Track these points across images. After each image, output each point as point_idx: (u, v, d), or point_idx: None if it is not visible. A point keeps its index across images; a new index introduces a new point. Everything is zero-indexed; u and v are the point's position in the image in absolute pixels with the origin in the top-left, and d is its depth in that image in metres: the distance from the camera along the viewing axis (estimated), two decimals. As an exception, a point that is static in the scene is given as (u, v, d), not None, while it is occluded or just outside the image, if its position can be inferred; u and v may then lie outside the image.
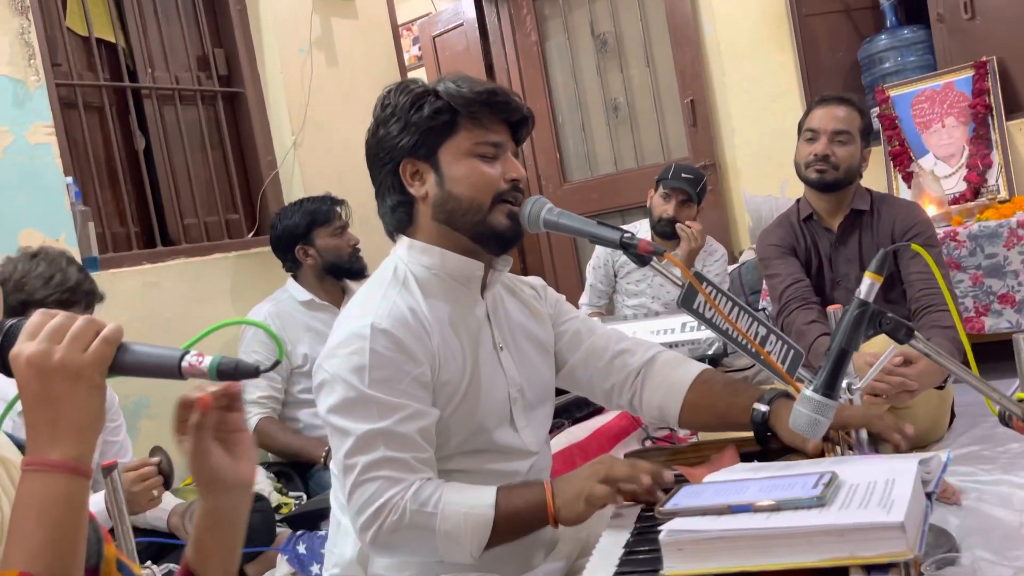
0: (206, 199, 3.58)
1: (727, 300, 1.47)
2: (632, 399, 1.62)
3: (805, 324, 2.48)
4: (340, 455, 1.35)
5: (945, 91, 3.66)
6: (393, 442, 1.32)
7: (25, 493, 0.83)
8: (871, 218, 2.61)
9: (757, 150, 4.25)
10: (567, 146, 5.11)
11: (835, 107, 2.59)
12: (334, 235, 3.02)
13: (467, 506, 1.31)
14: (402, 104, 1.43)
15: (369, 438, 1.32)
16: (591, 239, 1.45)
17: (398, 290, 1.44)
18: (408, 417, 1.34)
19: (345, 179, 3.73)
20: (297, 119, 3.75)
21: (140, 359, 0.87)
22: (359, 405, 1.34)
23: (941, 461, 1.09)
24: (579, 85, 4.99)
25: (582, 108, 5.00)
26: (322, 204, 3.05)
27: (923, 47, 3.88)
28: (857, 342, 1.24)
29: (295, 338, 3.02)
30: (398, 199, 1.47)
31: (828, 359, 1.22)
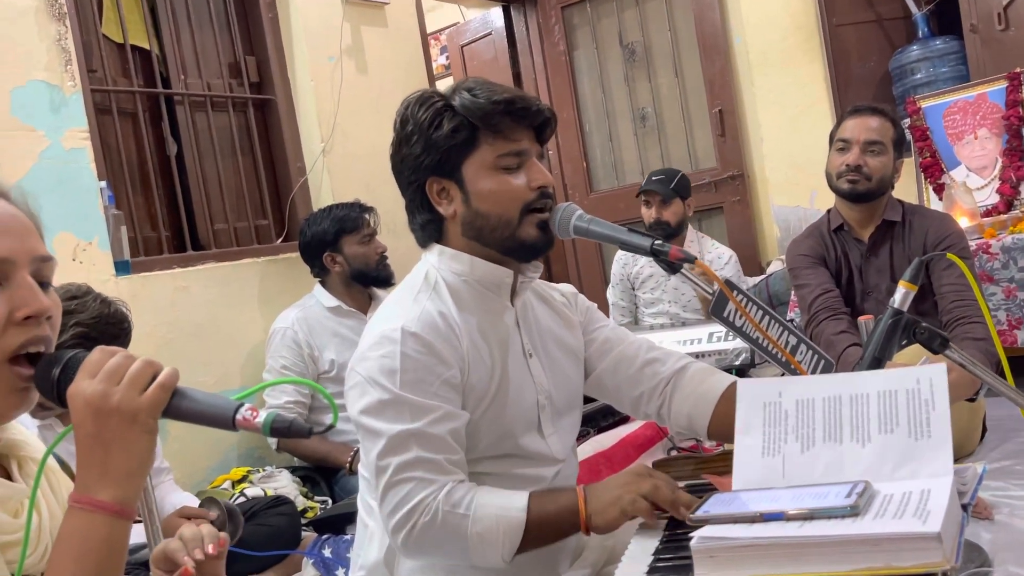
0: (236, 204, 3.61)
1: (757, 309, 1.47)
2: (660, 408, 1.61)
3: (835, 334, 2.46)
4: (372, 456, 1.35)
5: (978, 102, 3.63)
6: (426, 443, 1.33)
7: (69, 530, 0.84)
8: (903, 229, 2.58)
9: (786, 161, 4.23)
10: (594, 155, 5.10)
11: (868, 117, 2.57)
12: (362, 243, 3.03)
13: (499, 509, 1.31)
14: (421, 121, 1.42)
15: (402, 439, 1.33)
16: (621, 246, 1.45)
17: (429, 295, 1.44)
18: (440, 419, 1.35)
19: (373, 186, 3.75)
20: (326, 126, 3.78)
21: (195, 407, 0.88)
22: (391, 406, 1.34)
23: (977, 473, 1.07)
24: (607, 94, 4.99)
25: (610, 117, 5.00)
26: (351, 211, 3.05)
27: (956, 58, 3.84)
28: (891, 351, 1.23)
29: (322, 344, 3.04)
30: (427, 217, 1.47)
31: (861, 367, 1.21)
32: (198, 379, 3.09)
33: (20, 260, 0.89)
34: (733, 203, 4.56)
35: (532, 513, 1.31)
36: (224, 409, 0.88)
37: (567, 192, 5.10)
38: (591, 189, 5.08)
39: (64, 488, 0.99)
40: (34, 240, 0.93)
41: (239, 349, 3.28)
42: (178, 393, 0.88)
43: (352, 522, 2.26)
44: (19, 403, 0.90)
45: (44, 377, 0.88)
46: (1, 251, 0.88)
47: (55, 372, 0.88)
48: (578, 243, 5.05)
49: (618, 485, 1.30)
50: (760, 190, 4.48)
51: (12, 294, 0.88)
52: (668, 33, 4.74)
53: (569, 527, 1.33)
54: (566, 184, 5.12)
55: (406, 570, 1.45)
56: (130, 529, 0.86)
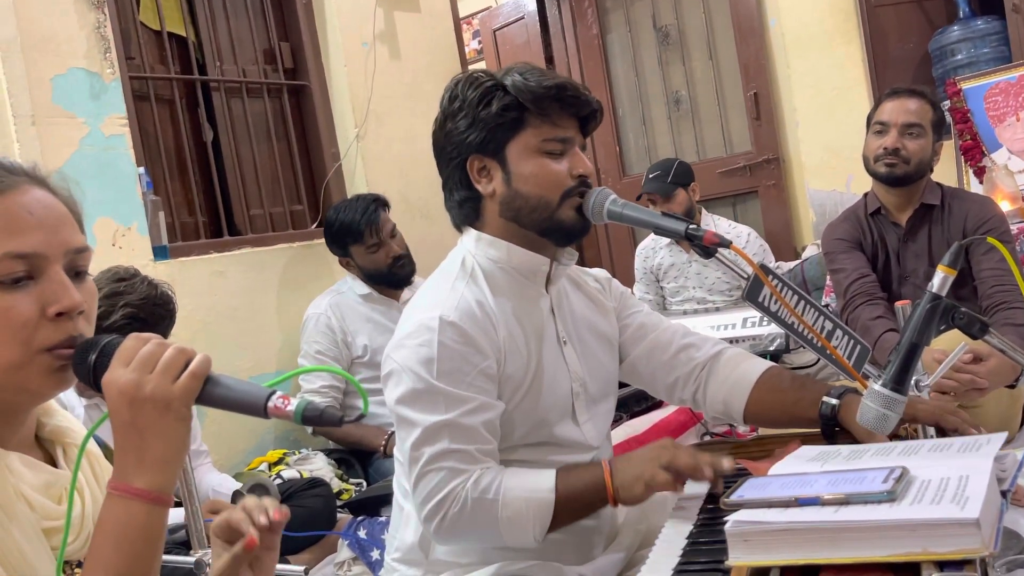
0: (271, 190, 3.64)
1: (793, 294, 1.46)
2: (696, 393, 1.61)
3: (871, 320, 2.43)
4: (407, 446, 1.37)
5: (1020, 84, 3.56)
6: (458, 434, 1.34)
7: (107, 516, 0.86)
8: (941, 213, 2.55)
9: (822, 144, 4.18)
10: (627, 139, 5.08)
11: (906, 99, 2.53)
12: (370, 251, 3.01)
13: (527, 490, 1.32)
14: (470, 99, 1.42)
15: (435, 430, 1.34)
16: (655, 230, 1.44)
17: (466, 282, 1.45)
18: (474, 410, 1.36)
19: (407, 171, 3.76)
20: (360, 112, 3.79)
21: (227, 394, 0.89)
22: (426, 396, 1.35)
23: (1017, 459, 1.06)
24: (640, 78, 4.96)
25: (643, 101, 4.97)
26: (355, 222, 2.97)
27: (997, 38, 3.76)
28: (929, 336, 1.21)
29: (355, 329, 3.06)
30: (465, 194, 1.48)
31: (898, 353, 1.20)
32: (235, 363, 3.13)
33: (53, 254, 0.89)
34: (768, 187, 4.52)
35: (560, 492, 1.32)
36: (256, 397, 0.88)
37: (600, 176, 5.07)
38: (624, 174, 5.05)
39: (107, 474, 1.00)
40: (68, 231, 0.93)
41: (275, 334, 3.32)
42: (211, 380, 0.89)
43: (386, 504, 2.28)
44: (57, 383, 0.90)
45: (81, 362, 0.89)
46: (32, 246, 0.88)
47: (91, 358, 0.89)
48: (611, 228, 5.03)
49: (641, 460, 1.31)
50: (796, 174, 4.43)
51: (44, 289, 0.88)
52: (702, 16, 4.69)
53: (598, 501, 1.34)
54: (599, 168, 5.09)
55: (442, 551, 1.47)
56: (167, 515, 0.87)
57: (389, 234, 3.03)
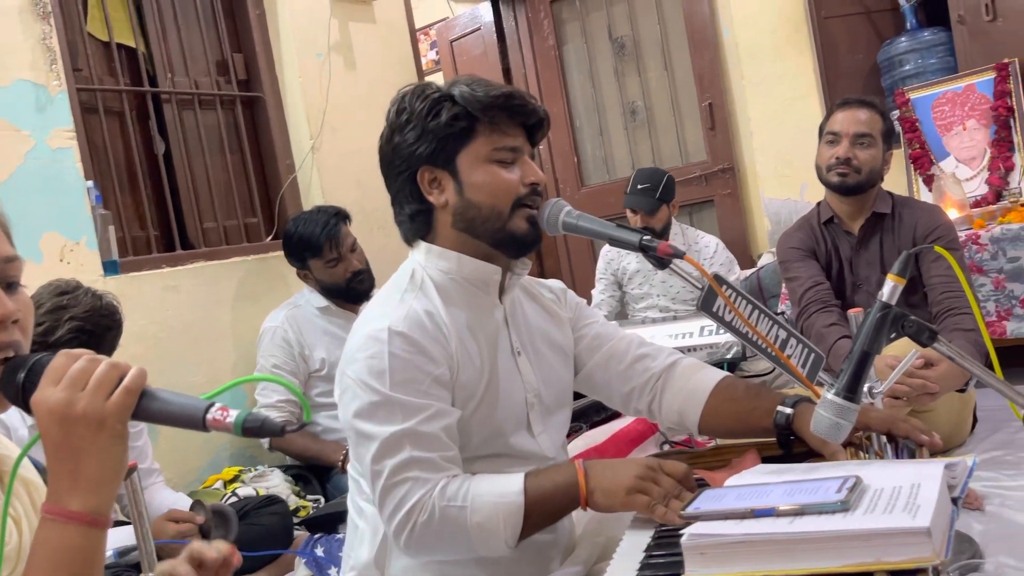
0: (225, 203, 3.60)
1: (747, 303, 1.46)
2: (651, 404, 1.61)
3: (825, 327, 2.46)
4: (367, 461, 1.35)
5: (966, 93, 3.63)
6: (419, 442, 1.32)
7: (42, 541, 0.82)
8: (892, 221, 2.59)
9: (776, 153, 4.22)
10: (584, 150, 5.10)
11: (857, 110, 2.57)
12: (328, 266, 2.99)
13: (496, 495, 1.31)
14: (419, 110, 1.42)
15: (395, 440, 1.32)
16: (610, 241, 1.45)
17: (415, 294, 1.44)
18: (432, 416, 1.34)
19: (363, 182, 3.74)
20: (315, 123, 3.76)
21: (164, 408, 0.86)
22: (382, 408, 1.34)
23: (967, 466, 1.07)
24: (597, 88, 4.98)
25: (600, 111, 4.99)
26: (314, 235, 2.94)
27: (944, 49, 3.84)
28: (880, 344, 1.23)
29: (312, 342, 3.03)
30: (416, 207, 1.47)
31: (850, 362, 1.21)
32: (189, 380, 3.08)
33: None
34: (724, 196, 4.56)
35: (530, 495, 1.31)
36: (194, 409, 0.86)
37: (558, 187, 5.09)
38: (582, 184, 5.07)
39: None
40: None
41: (230, 348, 3.27)
42: (146, 395, 0.86)
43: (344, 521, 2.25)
44: None
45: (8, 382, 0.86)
46: None
47: (20, 377, 0.86)
48: (570, 239, 5.05)
49: (630, 475, 1.28)
50: (751, 183, 4.48)
51: None
52: (657, 26, 4.73)
53: (569, 502, 1.33)
54: (557, 179, 5.11)
55: (397, 569, 1.45)
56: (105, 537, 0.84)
57: (349, 248, 3.01)
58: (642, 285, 3.84)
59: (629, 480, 1.28)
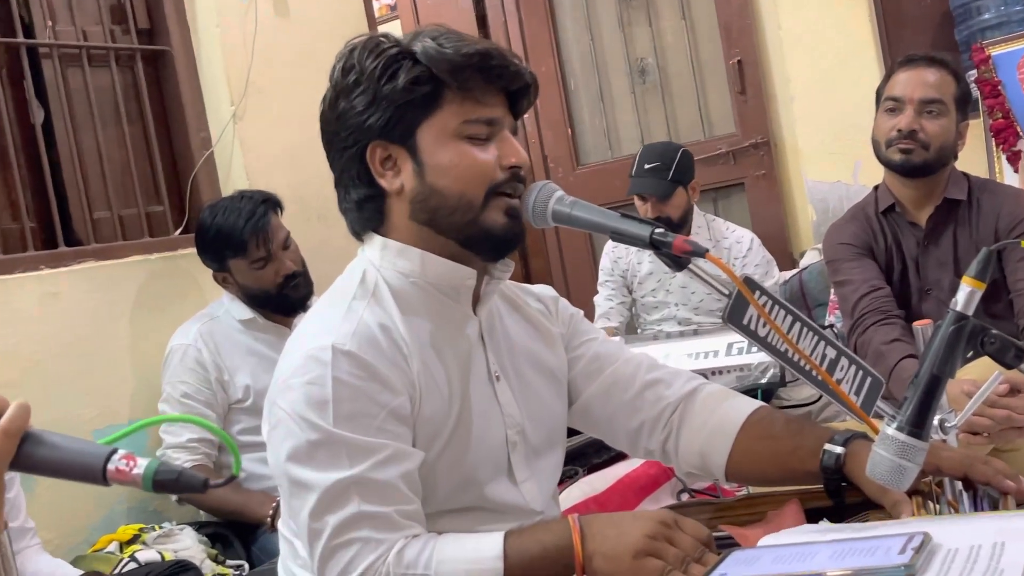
0: (121, 187, 3.58)
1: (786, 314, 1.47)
2: (666, 442, 1.61)
3: (885, 344, 2.48)
4: (304, 516, 1.34)
5: (1061, 49, 3.67)
6: (370, 493, 1.31)
7: None
8: (969, 210, 2.61)
9: (823, 125, 4.25)
10: (581, 120, 5.11)
11: (924, 69, 2.59)
12: (254, 267, 2.98)
13: (468, 562, 1.30)
14: (370, 70, 1.42)
15: (339, 490, 1.31)
16: (613, 235, 1.44)
17: (366, 303, 1.44)
18: (387, 460, 1.33)
19: (299, 161, 3.73)
20: (238, 85, 3.75)
21: (53, 455, 0.86)
22: (324, 449, 1.33)
23: (1063, 519, 1.08)
24: (596, 42, 5.00)
25: (600, 72, 5.01)
26: (237, 229, 2.93)
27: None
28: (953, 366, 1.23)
29: (234, 365, 3.01)
30: (365, 192, 1.47)
31: (916, 388, 1.22)
32: (75, 413, 3.05)
33: None
34: (757, 178, 4.58)
35: (511, 560, 1.31)
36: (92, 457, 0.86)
37: (548, 167, 5.10)
38: (578, 163, 5.09)
39: None
40: None
41: (127, 373, 3.24)
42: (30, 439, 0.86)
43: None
44: None
45: None
46: None
47: None
48: (563, 233, 5.05)
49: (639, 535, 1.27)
50: (791, 162, 4.51)
51: None
52: (673, -36, 4.76)
53: (561, 569, 1.32)
54: (546, 156, 5.12)
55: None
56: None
57: (281, 245, 3.00)
58: (656, 291, 3.84)
59: (637, 540, 1.27)
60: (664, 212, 3.61)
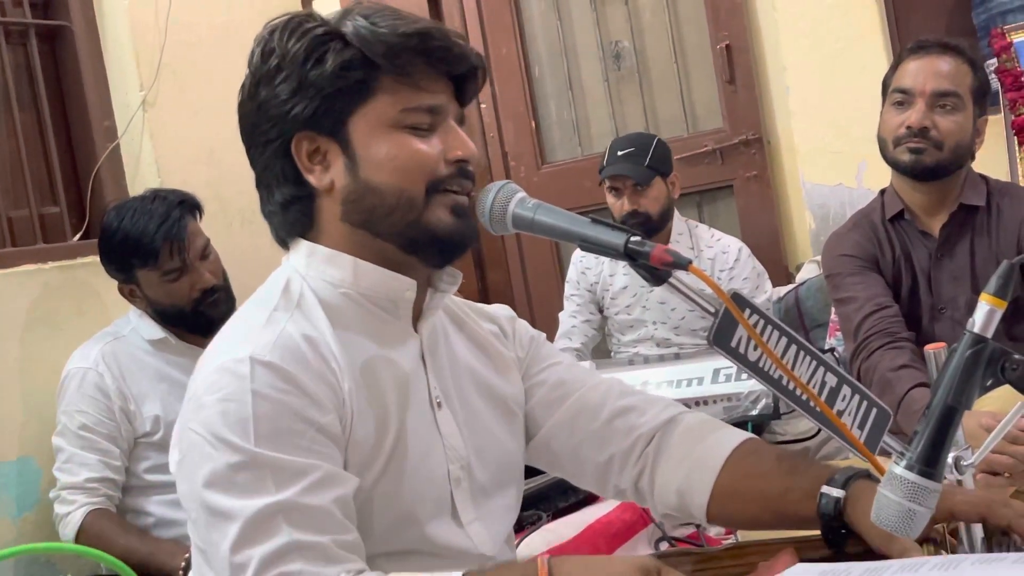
0: (12, 184, 3.55)
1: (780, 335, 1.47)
2: (639, 479, 1.61)
3: (892, 370, 2.49)
4: (224, 550, 1.31)
5: (1091, 36, 3.72)
6: (301, 520, 1.30)
7: None
8: (988, 217, 2.64)
9: (822, 119, 4.28)
10: (547, 111, 5.11)
11: (936, 58, 2.61)
12: (166, 279, 2.96)
13: None
14: (294, 53, 1.42)
15: (265, 518, 1.30)
16: (582, 243, 1.44)
17: (290, 314, 1.44)
18: (318, 483, 1.32)
19: (219, 155, 3.71)
20: (148, 67, 3.73)
21: None
22: (245, 472, 1.32)
23: (1093, 570, 1.09)
24: (565, 23, 5.01)
25: (568, 57, 5.02)
26: (147, 234, 2.91)
27: (1060, -28, 3.94)
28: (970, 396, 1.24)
29: (142, 393, 2.99)
30: (291, 192, 1.48)
31: (928, 421, 1.22)
32: (-47, 447, 3.02)
33: None
34: (747, 180, 4.61)
35: None
36: None
37: (508, 164, 5.10)
38: (542, 160, 5.09)
39: None
40: None
41: (16, 402, 3.21)
42: None
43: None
44: None
45: None
46: None
47: None
48: (526, 243, 5.05)
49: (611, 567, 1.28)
50: (786, 161, 4.53)
51: None
52: (652, -66, 4.79)
53: None
54: (507, 153, 5.12)
55: None
56: None
57: (199, 255, 2.99)
58: (631, 308, 3.83)
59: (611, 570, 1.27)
60: (641, 206, 3.62)
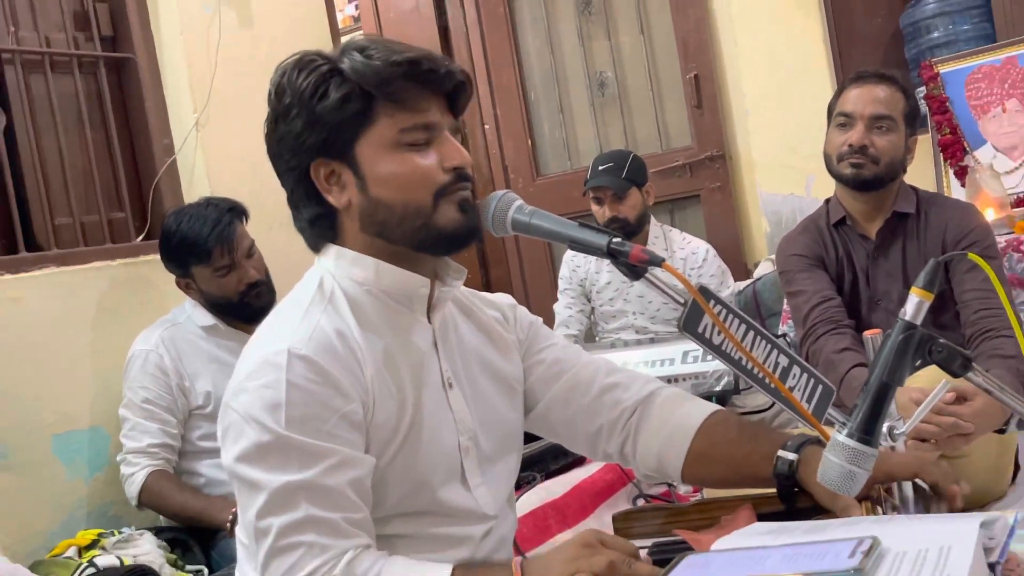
0: (83, 193, 3.54)
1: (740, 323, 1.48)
2: (624, 445, 1.62)
3: (836, 352, 2.49)
4: (251, 515, 1.33)
5: (1006, 68, 3.72)
6: (318, 498, 1.31)
7: None
8: (917, 223, 2.64)
9: (776, 138, 4.28)
10: (541, 131, 5.11)
11: (874, 86, 2.62)
12: (217, 274, 2.96)
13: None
14: (302, 90, 1.42)
15: (287, 493, 1.31)
16: (571, 244, 1.45)
17: (323, 308, 1.44)
18: (336, 466, 1.33)
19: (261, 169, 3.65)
20: (201, 93, 3.72)
21: None
22: (274, 451, 1.32)
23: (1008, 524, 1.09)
24: (556, 55, 5.00)
25: (560, 84, 5.02)
26: (202, 236, 2.91)
27: (980, 13, 3.93)
28: (902, 375, 1.24)
29: (195, 371, 2.99)
30: (315, 211, 1.48)
31: (866, 396, 1.23)
32: (36, 419, 3.02)
33: None
34: (712, 190, 4.61)
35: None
36: None
37: (508, 177, 5.10)
38: (537, 173, 5.09)
39: None
40: None
41: (88, 379, 3.20)
42: None
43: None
44: None
45: None
46: None
47: None
48: (523, 244, 5.06)
49: (563, 560, 1.27)
50: (745, 174, 4.53)
51: None
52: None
53: None
54: (507, 167, 5.12)
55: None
56: None
57: (245, 254, 2.99)
58: (614, 300, 3.85)
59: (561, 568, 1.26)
60: (621, 212, 3.64)
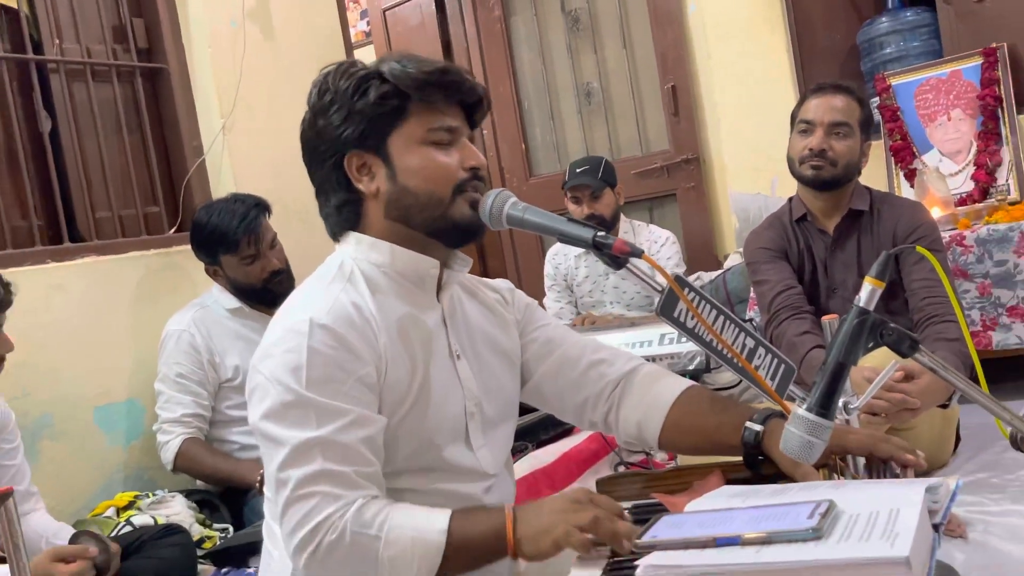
0: (121, 190, 3.53)
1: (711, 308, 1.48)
2: (608, 415, 1.62)
3: (797, 335, 2.50)
4: (272, 468, 1.34)
5: (951, 80, 3.72)
6: (333, 453, 1.31)
7: None
8: (871, 219, 2.64)
9: (745, 143, 4.28)
10: (534, 135, 5.11)
11: (832, 96, 2.62)
12: (243, 263, 2.96)
13: (415, 531, 1.30)
14: (344, 89, 1.44)
15: (305, 448, 1.31)
16: (560, 237, 1.45)
17: (342, 285, 1.45)
18: (350, 424, 1.33)
19: (281, 169, 3.69)
20: (227, 100, 3.70)
21: None
22: (294, 410, 1.33)
23: (950, 489, 1.09)
24: (548, 67, 4.99)
25: (551, 93, 5.01)
26: (231, 228, 2.92)
27: (928, 31, 3.93)
28: (856, 355, 1.24)
29: (223, 348, 2.99)
30: (345, 197, 1.49)
31: (823, 374, 1.23)
32: (79, 392, 3.02)
33: None
34: (687, 190, 4.61)
35: (453, 536, 1.30)
36: None
37: (504, 176, 5.09)
38: (530, 173, 5.08)
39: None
40: None
41: (126, 356, 3.20)
42: None
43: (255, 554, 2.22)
44: None
45: None
46: None
47: None
48: (516, 236, 5.06)
49: (552, 511, 1.28)
50: (717, 176, 4.53)
51: None
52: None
53: (494, 552, 1.31)
54: (503, 168, 5.11)
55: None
56: None
57: (269, 245, 2.99)
58: (592, 292, 3.86)
59: (553, 519, 1.27)
60: (597, 210, 3.64)
